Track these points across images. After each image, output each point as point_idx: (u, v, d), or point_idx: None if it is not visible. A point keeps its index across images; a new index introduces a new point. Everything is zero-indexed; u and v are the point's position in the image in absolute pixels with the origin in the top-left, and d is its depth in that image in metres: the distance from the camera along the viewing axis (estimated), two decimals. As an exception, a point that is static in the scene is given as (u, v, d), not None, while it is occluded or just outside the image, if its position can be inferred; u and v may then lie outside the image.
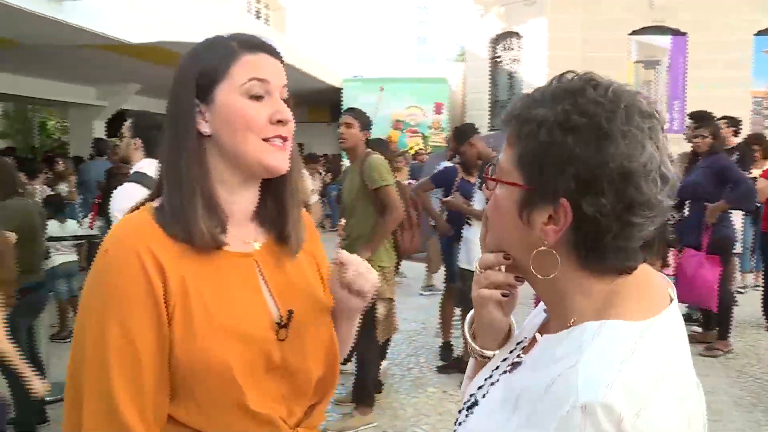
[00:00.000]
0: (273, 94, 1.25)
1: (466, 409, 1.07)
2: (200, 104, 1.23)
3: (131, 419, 1.12)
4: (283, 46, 7.50)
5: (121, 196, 3.31)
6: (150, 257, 1.16)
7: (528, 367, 0.96)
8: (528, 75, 18.25)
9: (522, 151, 0.92)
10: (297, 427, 1.29)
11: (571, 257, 0.92)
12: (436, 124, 18.79)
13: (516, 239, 0.96)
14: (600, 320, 0.88)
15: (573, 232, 0.89)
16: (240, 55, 1.23)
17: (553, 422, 0.81)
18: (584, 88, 0.90)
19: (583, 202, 0.86)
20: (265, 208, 1.33)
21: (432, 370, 5.42)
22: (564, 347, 0.88)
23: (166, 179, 1.24)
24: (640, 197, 0.86)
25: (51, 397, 4.58)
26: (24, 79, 13.47)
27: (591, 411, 0.79)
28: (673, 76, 17.07)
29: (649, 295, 0.94)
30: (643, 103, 0.90)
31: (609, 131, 0.86)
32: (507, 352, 1.08)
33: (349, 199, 4.54)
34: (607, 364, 0.82)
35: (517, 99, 0.98)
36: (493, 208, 1.00)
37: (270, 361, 1.24)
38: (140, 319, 1.14)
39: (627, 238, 0.89)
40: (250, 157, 1.23)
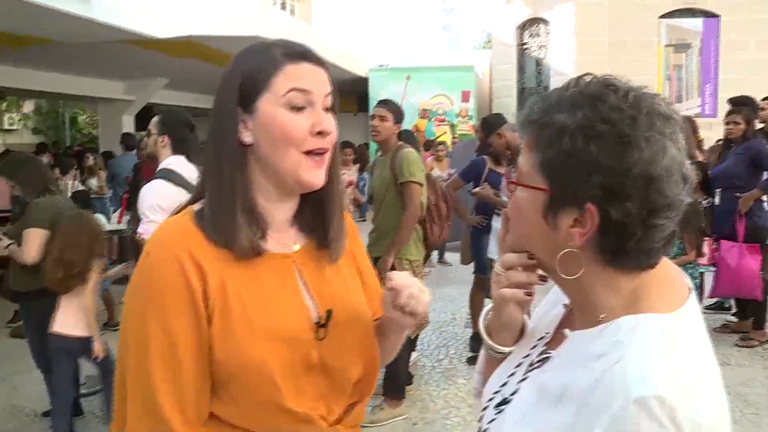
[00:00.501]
0: (315, 105, 1.23)
1: (494, 407, 1.07)
2: (243, 113, 1.23)
3: (172, 417, 1.15)
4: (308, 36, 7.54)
5: (149, 193, 3.35)
6: (190, 260, 1.17)
7: (562, 363, 0.97)
8: (555, 61, 18.06)
9: (544, 157, 0.93)
10: (337, 425, 1.30)
11: (597, 257, 0.93)
12: (464, 113, 18.68)
13: (540, 240, 0.97)
14: (633, 315, 0.90)
15: (599, 234, 0.90)
16: (282, 64, 1.22)
17: (605, 417, 0.82)
18: (605, 94, 0.90)
19: (609, 208, 0.88)
20: (304, 213, 1.34)
21: (462, 362, 5.41)
22: (600, 343, 0.90)
23: (208, 186, 1.25)
24: (663, 200, 0.88)
25: (86, 389, 4.68)
26: (54, 75, 13.66)
27: (645, 404, 0.80)
28: (705, 59, 16.75)
29: (672, 287, 0.96)
30: (662, 105, 0.91)
31: (632, 138, 0.87)
32: (528, 348, 1.09)
33: (378, 191, 4.53)
34: (652, 358, 0.84)
35: (533, 102, 0.98)
36: (515, 209, 1.01)
37: (308, 361, 1.25)
38: (180, 320, 1.16)
39: (650, 240, 0.90)
40: (286, 171, 1.23)
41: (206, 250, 1.20)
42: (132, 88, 15.35)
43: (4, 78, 12.51)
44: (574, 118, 0.89)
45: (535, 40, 18.81)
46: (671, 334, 0.88)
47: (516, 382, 1.05)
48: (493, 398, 1.09)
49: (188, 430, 1.16)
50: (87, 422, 4.37)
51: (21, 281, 3.96)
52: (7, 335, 6.30)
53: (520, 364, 1.08)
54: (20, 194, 4.09)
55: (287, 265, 1.29)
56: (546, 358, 1.02)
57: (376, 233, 4.53)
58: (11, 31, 8.62)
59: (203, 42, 10.13)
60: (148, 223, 3.24)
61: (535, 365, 1.04)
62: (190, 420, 1.17)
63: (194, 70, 12.54)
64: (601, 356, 0.88)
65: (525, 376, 1.04)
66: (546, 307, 1.17)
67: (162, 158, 3.55)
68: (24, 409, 4.60)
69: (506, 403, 1.04)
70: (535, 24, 18.73)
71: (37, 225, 3.87)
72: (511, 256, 1.05)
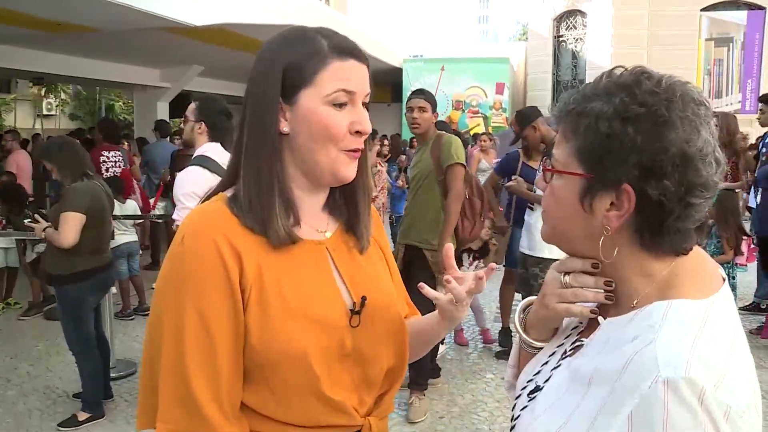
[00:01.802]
0: (356, 103, 1.23)
1: (527, 394, 1.09)
2: (283, 103, 1.21)
3: (206, 405, 1.13)
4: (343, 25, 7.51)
5: (185, 179, 3.36)
6: (226, 244, 1.16)
7: (594, 349, 0.98)
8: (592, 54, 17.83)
9: (581, 144, 0.96)
10: (368, 417, 1.29)
11: (633, 241, 0.96)
12: (498, 105, 18.54)
13: (575, 227, 1.00)
14: (666, 300, 0.92)
15: (635, 216, 0.93)
16: (329, 60, 1.20)
17: (634, 399, 0.84)
18: (639, 80, 0.94)
19: (647, 188, 0.91)
20: (334, 201, 1.34)
21: (491, 356, 5.37)
22: (633, 328, 0.92)
23: (244, 173, 1.23)
24: (699, 179, 0.91)
25: (116, 373, 4.75)
26: (91, 62, 13.83)
27: (674, 385, 0.82)
28: (748, 53, 16.37)
29: (705, 274, 0.98)
30: (695, 92, 0.95)
31: (669, 118, 0.90)
32: (562, 338, 1.13)
33: (416, 179, 4.50)
34: (682, 341, 0.86)
35: (567, 95, 1.01)
36: (551, 199, 1.03)
37: (343, 348, 1.23)
38: (216, 306, 1.14)
39: (686, 219, 0.93)
40: (323, 166, 1.22)
41: (242, 235, 1.18)
42: (167, 75, 15.47)
43: (42, 64, 12.71)
44: (611, 104, 0.93)
45: (571, 33, 18.57)
46: (703, 319, 0.90)
47: (549, 370, 1.08)
48: (526, 387, 1.11)
49: (223, 419, 1.15)
50: (117, 405, 4.43)
51: (57, 264, 4.02)
52: (42, 317, 6.42)
53: (554, 353, 1.11)
54: (58, 178, 4.14)
55: (321, 252, 1.28)
56: (579, 346, 1.05)
57: (408, 221, 4.50)
58: (50, 18, 8.74)
59: (238, 30, 10.16)
60: (183, 210, 3.25)
61: (568, 353, 1.07)
62: (226, 410, 1.15)
63: (229, 58, 12.59)
64: (633, 340, 0.89)
65: (558, 363, 1.07)
66: None
67: (198, 145, 3.56)
68: (56, 390, 4.68)
69: (539, 390, 1.06)
70: (573, 16, 18.49)
71: (73, 209, 3.91)
72: (576, 262, 1.05)
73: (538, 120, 5.16)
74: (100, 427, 4.13)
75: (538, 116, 5.22)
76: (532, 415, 1.03)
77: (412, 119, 4.41)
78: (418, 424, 4.17)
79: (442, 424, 4.19)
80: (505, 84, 18.54)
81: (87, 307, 4.14)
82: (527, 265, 4.88)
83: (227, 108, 3.62)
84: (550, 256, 4.60)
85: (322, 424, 1.23)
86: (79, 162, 4.10)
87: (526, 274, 4.92)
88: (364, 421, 1.28)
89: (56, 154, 4.10)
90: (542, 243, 4.89)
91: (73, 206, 3.92)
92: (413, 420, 4.18)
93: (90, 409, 4.15)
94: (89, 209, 3.96)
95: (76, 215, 3.90)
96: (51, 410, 4.35)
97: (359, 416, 1.27)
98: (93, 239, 4.06)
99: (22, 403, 4.46)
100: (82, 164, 4.11)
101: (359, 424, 1.27)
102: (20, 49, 11.75)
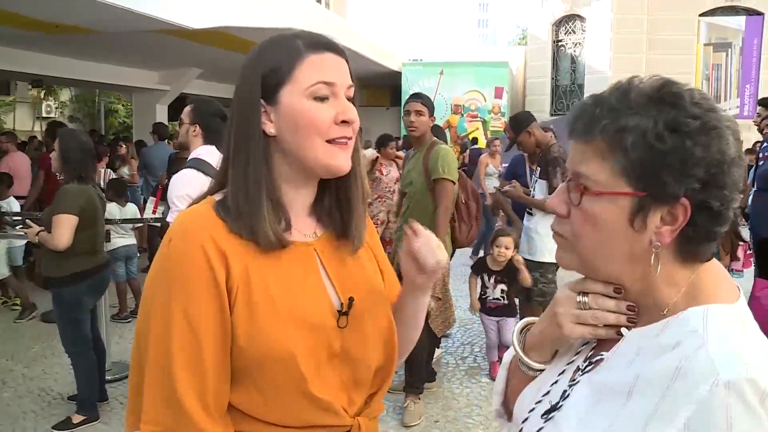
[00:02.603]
0: (339, 95, 1.23)
1: (540, 416, 1.04)
2: (265, 105, 1.22)
3: (191, 405, 1.13)
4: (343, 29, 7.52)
5: (180, 182, 3.35)
6: (213, 246, 1.17)
7: (620, 361, 0.97)
8: (591, 59, 17.85)
9: (630, 161, 0.92)
10: (357, 417, 1.29)
11: (674, 252, 0.95)
12: (496, 109, 18.56)
13: (618, 249, 0.96)
14: (700, 306, 0.92)
15: (684, 227, 0.92)
16: (305, 55, 1.21)
17: (691, 405, 0.83)
18: (680, 93, 0.93)
19: (709, 198, 0.90)
20: (324, 202, 1.33)
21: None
22: (670, 335, 0.91)
23: (231, 178, 1.24)
24: (739, 182, 0.93)
25: (111, 375, 4.74)
26: (90, 64, 13.85)
27: (736, 387, 0.81)
28: (746, 58, 16.38)
29: (725, 280, 0.99)
30: (711, 98, 0.97)
31: (720, 129, 0.91)
32: (571, 355, 1.08)
33: (409, 185, 4.49)
34: (733, 343, 0.86)
35: (585, 108, 0.97)
36: (586, 223, 0.97)
37: (330, 349, 1.24)
38: (202, 307, 1.15)
39: (727, 223, 0.94)
40: (313, 159, 1.22)
41: (229, 239, 1.19)
42: (166, 77, 15.49)
43: (40, 66, 12.72)
44: (657, 118, 0.90)
45: (570, 37, 18.60)
46: (741, 322, 0.91)
47: (562, 389, 1.04)
48: (535, 408, 1.07)
49: (209, 420, 1.15)
50: (112, 407, 4.42)
51: (52, 267, 4.02)
52: (38, 319, 6.41)
53: (564, 372, 1.07)
54: (57, 168, 4.13)
55: (309, 253, 1.28)
56: (598, 360, 1.02)
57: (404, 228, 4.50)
58: (49, 20, 8.75)
59: (236, 33, 10.17)
60: (176, 212, 3.25)
61: (585, 369, 1.03)
62: (211, 411, 1.15)
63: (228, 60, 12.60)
64: (677, 346, 0.89)
65: (574, 380, 1.03)
66: None
67: (193, 148, 3.55)
68: (51, 392, 4.67)
69: (556, 410, 1.02)
70: (572, 20, 18.53)
71: (66, 211, 3.91)
72: (598, 285, 1.01)
73: (532, 125, 5.15)
74: (95, 429, 4.12)
75: (532, 121, 5.21)
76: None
77: (409, 122, 4.42)
78: (413, 427, 4.17)
79: (437, 428, 4.19)
80: (504, 88, 18.57)
81: (84, 308, 4.13)
82: (528, 270, 4.87)
83: (222, 110, 3.62)
84: (551, 260, 4.60)
85: (311, 425, 1.22)
86: (80, 162, 4.08)
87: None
88: (353, 421, 1.28)
89: (67, 143, 4.08)
90: (542, 247, 4.95)
91: (65, 208, 3.91)
92: (408, 424, 4.17)
93: (85, 412, 4.15)
94: (82, 211, 3.96)
95: (69, 217, 3.90)
96: (46, 412, 4.34)
97: (348, 416, 1.27)
98: (87, 241, 4.05)
99: (16, 405, 4.45)
100: (81, 166, 4.09)
101: (348, 425, 1.27)
102: (18, 50, 11.77)
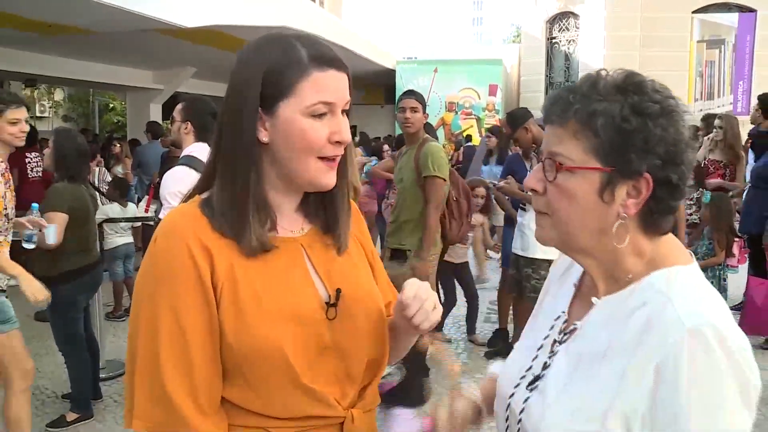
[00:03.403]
0: (336, 113, 1.23)
1: (525, 387, 1.15)
2: (262, 113, 1.21)
3: (181, 401, 1.14)
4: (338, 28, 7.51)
5: (171, 180, 3.36)
6: (197, 244, 1.18)
7: (595, 326, 1.09)
8: (585, 56, 17.87)
9: (600, 141, 1.03)
10: (352, 409, 1.30)
11: (639, 223, 1.07)
12: (491, 106, 18.57)
13: (590, 221, 1.07)
14: (661, 269, 1.05)
15: (647, 200, 1.04)
16: (309, 70, 1.19)
17: (662, 350, 0.96)
18: (643, 81, 1.05)
19: (669, 173, 1.02)
20: (310, 201, 1.34)
21: (480, 356, 5.38)
22: (637, 298, 1.04)
23: (219, 180, 1.24)
24: (694, 159, 1.06)
25: (105, 374, 4.74)
26: (84, 63, 13.82)
27: (699, 333, 0.94)
28: (739, 55, 16.44)
29: (679, 247, 1.12)
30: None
31: (677, 112, 1.04)
32: (546, 330, 1.20)
33: (401, 183, 4.51)
34: (695, 297, 1.01)
35: (559, 95, 1.09)
36: (562, 197, 1.07)
37: (321, 342, 1.24)
38: (190, 305, 1.16)
39: (682, 197, 1.07)
40: (302, 175, 1.23)
41: (214, 236, 1.20)
42: (160, 77, 15.45)
43: (34, 65, 12.69)
44: (624, 104, 1.02)
45: (564, 35, 18.63)
46: (700, 279, 1.06)
47: (543, 361, 1.15)
48: (519, 383, 1.17)
49: (199, 415, 1.16)
50: (106, 405, 4.42)
51: (44, 266, 4.01)
52: (32, 318, 6.40)
53: (542, 346, 1.18)
54: (49, 165, 4.14)
55: (295, 248, 1.29)
56: (572, 330, 1.13)
57: (396, 224, 4.50)
58: (42, 19, 8.73)
59: (230, 32, 10.16)
60: (168, 209, 3.25)
61: (563, 340, 1.14)
62: (203, 406, 1.16)
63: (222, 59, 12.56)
64: (644, 305, 1.02)
65: (553, 351, 1.15)
66: (550, 295, 1.30)
67: (185, 145, 3.56)
68: (46, 391, 4.67)
69: (539, 379, 1.13)
70: (565, 18, 18.55)
71: (55, 209, 3.90)
72: None
73: (529, 121, 5.16)
74: (89, 427, 4.12)
75: (529, 118, 5.22)
76: (543, 402, 1.09)
77: (404, 119, 4.45)
78: (407, 423, 4.16)
79: (431, 424, 4.18)
80: (498, 86, 18.58)
81: (77, 307, 4.13)
82: (519, 265, 4.89)
83: (214, 108, 3.62)
84: (543, 257, 4.62)
85: (304, 415, 1.23)
86: (74, 163, 4.08)
87: (518, 275, 4.94)
88: (346, 413, 1.28)
89: (62, 142, 4.08)
90: (535, 244, 4.92)
91: (54, 206, 3.91)
92: None
93: (79, 410, 4.15)
94: (72, 209, 3.95)
95: (58, 215, 3.89)
96: (40, 411, 4.33)
97: (342, 409, 1.27)
98: (79, 239, 4.05)
99: (10, 404, 4.44)
100: (74, 167, 4.09)
101: (341, 416, 1.27)
102: (11, 50, 11.72)
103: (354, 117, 1.27)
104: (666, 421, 0.95)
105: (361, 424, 1.31)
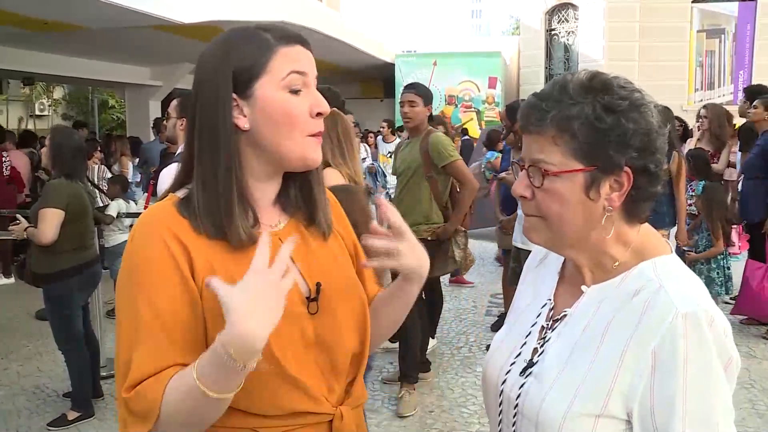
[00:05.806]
0: (310, 86, 1.23)
1: (518, 374, 1.18)
2: (238, 98, 1.20)
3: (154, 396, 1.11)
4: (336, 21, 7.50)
5: (168, 176, 3.34)
6: (173, 238, 1.17)
7: (585, 313, 1.14)
8: (584, 47, 17.82)
9: (579, 142, 1.08)
10: (340, 406, 1.28)
11: (621, 214, 1.13)
12: (490, 99, 18.53)
13: (579, 219, 1.12)
14: (648, 259, 1.12)
15: (629, 191, 1.09)
16: (277, 47, 1.20)
17: (658, 332, 1.03)
18: (608, 80, 1.10)
19: (647, 163, 1.08)
20: (287, 194, 1.33)
21: (482, 350, 5.37)
22: (629, 285, 1.11)
23: (198, 176, 1.22)
24: (664, 149, 1.12)
25: (106, 372, 4.74)
26: (82, 60, 13.81)
27: (692, 317, 1.02)
28: (739, 44, 16.39)
29: (658, 236, 1.20)
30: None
31: (645, 105, 1.10)
32: (533, 317, 1.24)
33: (404, 173, 4.52)
34: (685, 284, 1.08)
35: (533, 104, 1.12)
36: (552, 200, 1.12)
37: (305, 336, 1.23)
38: (167, 296, 1.15)
39: (660, 184, 1.13)
40: (292, 153, 1.22)
41: (190, 234, 1.19)
42: (158, 73, 15.45)
43: (33, 63, 12.69)
44: (595, 104, 1.07)
45: (563, 26, 18.57)
46: (683, 268, 1.13)
47: (532, 347, 1.20)
48: (510, 370, 1.21)
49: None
50: (107, 403, 4.42)
51: (42, 263, 4.00)
52: (33, 317, 6.40)
53: (530, 333, 1.23)
54: (47, 163, 4.13)
55: (274, 242, 1.26)
56: (563, 317, 1.18)
57: None
58: (40, 17, 8.71)
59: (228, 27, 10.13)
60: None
61: (553, 327, 1.19)
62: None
63: (220, 55, 12.59)
64: (638, 292, 1.08)
65: (543, 337, 1.19)
66: (527, 285, 1.35)
67: (181, 141, 3.55)
68: (46, 389, 4.67)
69: (533, 366, 1.17)
70: (564, 9, 18.49)
71: (51, 206, 3.89)
72: None
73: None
74: (90, 425, 4.12)
75: (529, 110, 5.20)
76: (540, 388, 1.13)
77: (403, 114, 4.52)
78: (408, 418, 4.17)
79: (432, 418, 4.19)
80: (497, 78, 18.53)
81: (75, 304, 4.12)
82: (520, 258, 4.87)
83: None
84: (542, 250, 4.61)
85: (293, 411, 1.21)
86: (70, 160, 4.06)
87: (518, 268, 4.91)
88: (335, 410, 1.27)
89: (59, 140, 4.08)
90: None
91: (50, 203, 3.90)
92: (403, 414, 4.18)
93: (79, 408, 4.14)
94: (68, 206, 3.94)
95: (54, 211, 3.88)
96: (41, 410, 4.34)
97: (330, 405, 1.26)
98: (75, 237, 4.04)
99: (11, 403, 4.45)
100: (70, 164, 4.07)
101: (330, 413, 1.26)
102: (9, 48, 11.71)
103: (353, 111, 1.26)
104: (664, 400, 1.02)
105: (350, 421, 1.29)
